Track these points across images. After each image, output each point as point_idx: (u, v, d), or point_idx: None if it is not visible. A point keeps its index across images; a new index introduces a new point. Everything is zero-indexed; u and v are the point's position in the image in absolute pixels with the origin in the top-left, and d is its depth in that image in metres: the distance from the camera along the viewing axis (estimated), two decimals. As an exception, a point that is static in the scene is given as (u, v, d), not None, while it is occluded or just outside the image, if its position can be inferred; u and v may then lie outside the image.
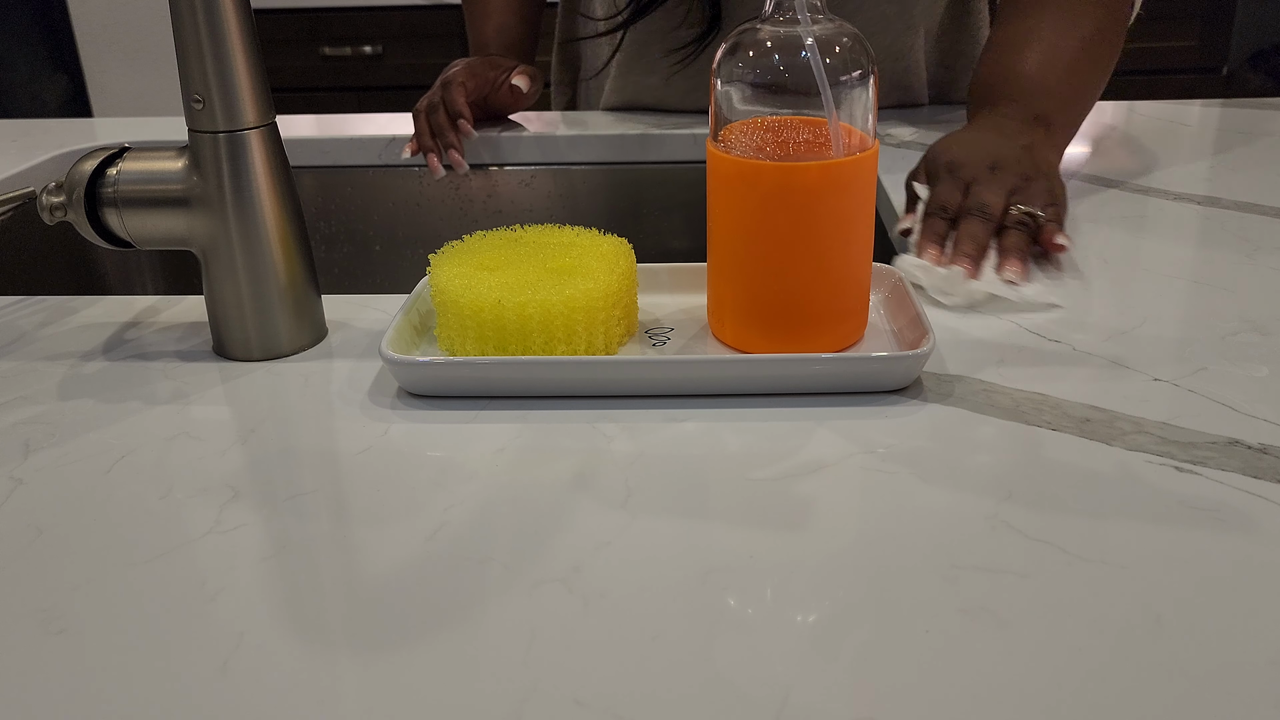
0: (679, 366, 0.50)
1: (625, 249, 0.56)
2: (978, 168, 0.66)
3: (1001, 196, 0.64)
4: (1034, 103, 0.72)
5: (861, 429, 0.47)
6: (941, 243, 0.62)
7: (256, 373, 0.54)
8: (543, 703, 0.32)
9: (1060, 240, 0.63)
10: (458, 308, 0.51)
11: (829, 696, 0.32)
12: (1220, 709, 0.31)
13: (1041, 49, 0.74)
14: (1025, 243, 0.62)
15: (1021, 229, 0.63)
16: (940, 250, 0.62)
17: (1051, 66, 0.74)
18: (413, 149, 0.95)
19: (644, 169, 0.99)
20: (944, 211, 0.64)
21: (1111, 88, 0.80)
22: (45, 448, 0.47)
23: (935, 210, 0.64)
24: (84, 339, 0.58)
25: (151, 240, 0.55)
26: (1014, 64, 0.74)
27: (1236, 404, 0.47)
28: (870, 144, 0.50)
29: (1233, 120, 0.99)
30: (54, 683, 0.33)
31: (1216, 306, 0.58)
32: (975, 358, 0.53)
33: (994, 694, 0.32)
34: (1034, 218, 0.63)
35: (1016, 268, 0.60)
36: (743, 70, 0.50)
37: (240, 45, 0.51)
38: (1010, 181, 0.65)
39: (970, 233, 0.62)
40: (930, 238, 0.62)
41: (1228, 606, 0.35)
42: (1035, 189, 0.65)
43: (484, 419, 0.48)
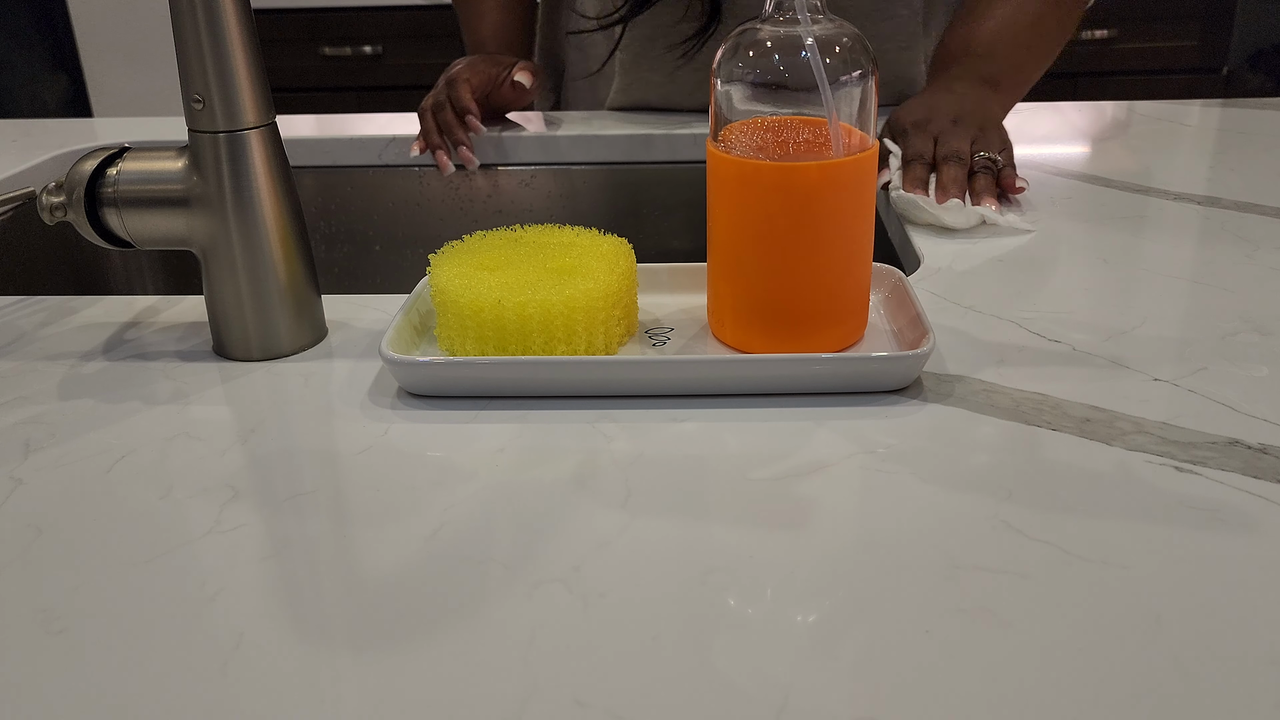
0: (679, 366, 0.50)
1: (625, 249, 0.56)
2: (942, 122, 0.77)
3: (967, 144, 0.75)
4: (984, 66, 0.84)
5: (861, 429, 0.47)
6: (925, 186, 0.73)
7: (256, 373, 0.54)
8: (543, 703, 0.32)
9: (1020, 184, 0.74)
10: (458, 308, 0.51)
11: (829, 696, 0.32)
12: (1220, 709, 0.31)
13: (994, 23, 0.87)
14: (993, 183, 0.73)
15: (987, 172, 0.74)
16: (925, 192, 0.72)
17: (1001, 37, 0.86)
18: (420, 147, 0.95)
19: (644, 169, 0.99)
20: (921, 159, 0.74)
21: (1112, 88, 0.82)
22: (45, 448, 0.47)
23: (914, 159, 0.75)
24: (84, 339, 0.58)
25: (151, 240, 0.55)
26: (969, 34, 0.87)
27: (1236, 404, 0.47)
28: (870, 144, 0.50)
29: (1233, 120, 0.99)
30: (54, 683, 0.33)
31: (1216, 306, 0.58)
32: (975, 358, 0.53)
33: (994, 694, 0.32)
34: (994, 162, 0.74)
35: (993, 203, 0.71)
36: (743, 70, 0.50)
37: (240, 45, 0.51)
38: (971, 132, 0.76)
39: (951, 176, 0.72)
40: (915, 182, 0.73)
41: (1228, 606, 0.35)
42: (991, 137, 0.76)
43: (484, 419, 0.48)
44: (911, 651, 0.34)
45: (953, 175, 0.73)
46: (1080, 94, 1.99)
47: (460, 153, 0.93)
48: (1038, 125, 0.99)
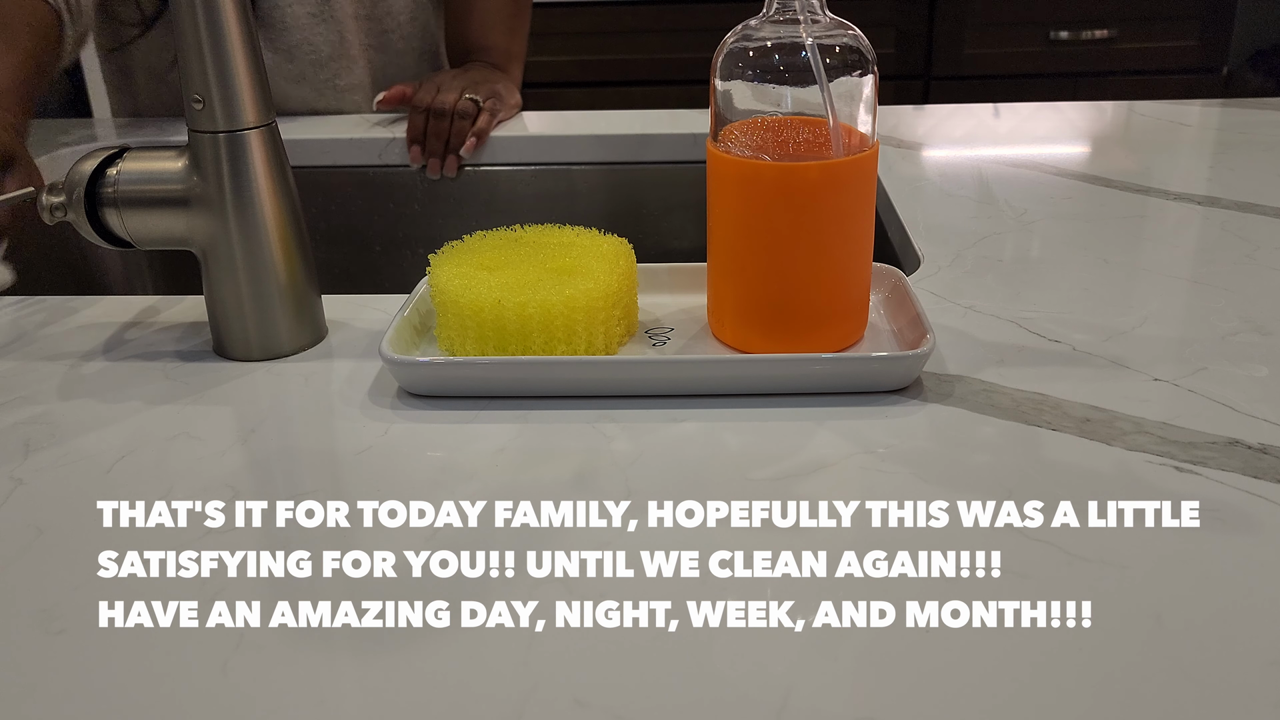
0: (679, 366, 0.50)
1: (625, 249, 0.56)
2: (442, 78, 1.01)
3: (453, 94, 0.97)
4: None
5: (861, 429, 0.47)
6: None
7: (256, 373, 0.54)
8: (543, 703, 0.32)
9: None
10: (457, 308, 0.51)
11: (829, 696, 0.32)
12: (1220, 709, 0.31)
13: None
14: None
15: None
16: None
17: None
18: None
19: (644, 169, 0.99)
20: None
21: (1112, 88, 0.81)
22: (45, 448, 0.47)
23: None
24: (84, 339, 0.58)
25: (151, 240, 0.55)
26: None
27: (1236, 404, 0.47)
28: (870, 144, 0.50)
29: (1233, 120, 0.99)
30: (54, 683, 0.33)
31: (1216, 306, 0.58)
32: (975, 358, 0.53)
33: (994, 694, 0.32)
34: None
35: None
36: (743, 70, 0.50)
37: (240, 45, 0.51)
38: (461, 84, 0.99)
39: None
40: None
41: (1228, 606, 0.35)
42: (481, 89, 0.98)
43: (484, 419, 0.48)
44: (911, 651, 0.34)
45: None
46: (1080, 94, 1.99)
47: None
48: (1038, 125, 0.99)
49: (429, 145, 0.97)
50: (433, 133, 0.97)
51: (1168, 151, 0.89)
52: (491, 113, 0.99)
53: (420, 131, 0.97)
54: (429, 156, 0.98)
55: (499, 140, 0.98)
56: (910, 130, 0.97)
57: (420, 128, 0.97)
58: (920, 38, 2.00)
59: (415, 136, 0.97)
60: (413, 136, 0.98)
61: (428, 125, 0.97)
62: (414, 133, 0.97)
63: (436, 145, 0.97)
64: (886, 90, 1.96)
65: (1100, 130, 0.97)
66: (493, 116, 0.99)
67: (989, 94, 2.00)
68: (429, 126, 0.97)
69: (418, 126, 0.97)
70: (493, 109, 0.99)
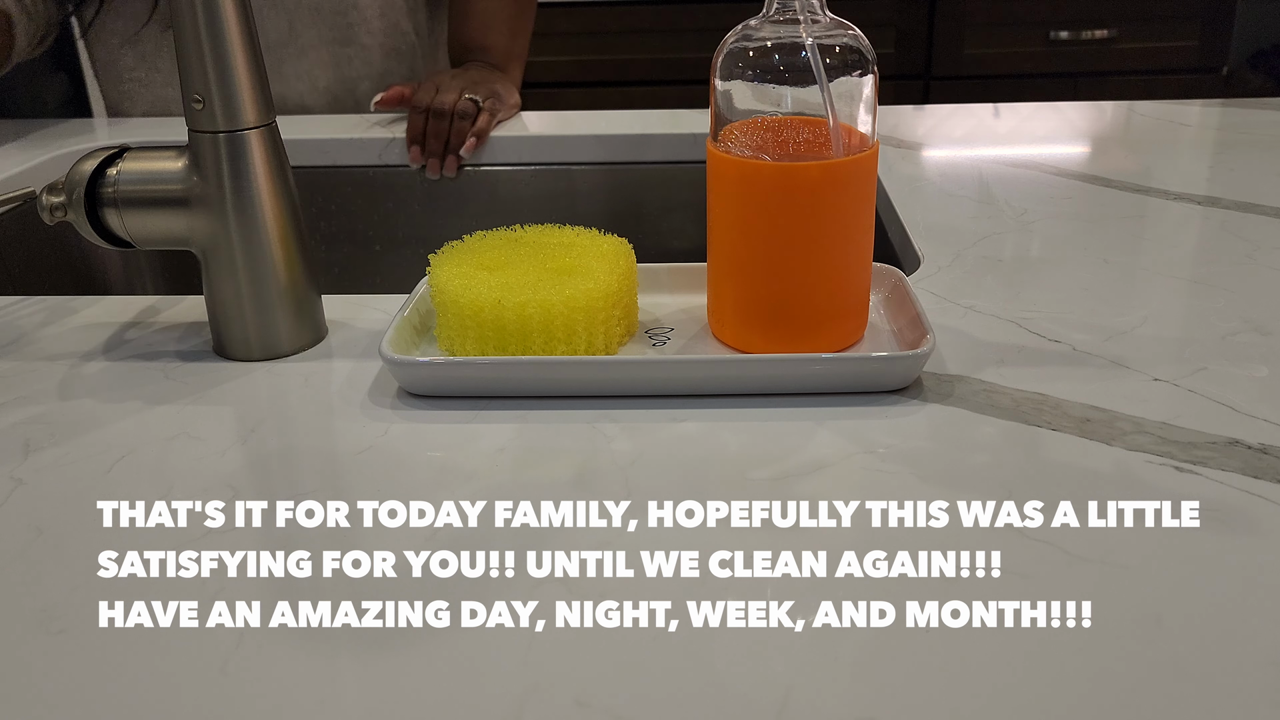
0: (679, 366, 0.50)
1: (625, 249, 0.56)
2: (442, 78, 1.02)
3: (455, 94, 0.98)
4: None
5: (861, 429, 0.47)
6: None
7: (256, 373, 0.54)
8: (543, 703, 0.32)
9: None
10: (457, 308, 0.51)
11: (829, 696, 0.32)
12: (1220, 709, 0.31)
13: None
14: None
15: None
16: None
17: None
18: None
19: (644, 169, 0.99)
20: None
21: (1112, 88, 0.81)
22: (45, 448, 0.47)
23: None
24: (84, 339, 0.58)
25: (151, 240, 0.55)
26: None
27: (1236, 404, 0.47)
28: (870, 144, 0.50)
29: (1233, 120, 0.99)
30: (54, 683, 0.33)
31: (1216, 306, 0.58)
32: (975, 358, 0.53)
33: (994, 694, 0.32)
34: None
35: None
36: (743, 70, 0.50)
37: (240, 45, 0.51)
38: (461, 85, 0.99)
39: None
40: None
41: (1228, 606, 0.35)
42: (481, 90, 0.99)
43: (484, 419, 0.48)
44: (911, 651, 0.34)
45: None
46: (1080, 94, 1.99)
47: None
48: (1038, 125, 0.99)
49: (429, 145, 0.98)
50: (432, 133, 0.97)
51: (1168, 151, 0.89)
52: (491, 113, 0.99)
53: (420, 132, 0.98)
54: (429, 157, 0.98)
55: (499, 140, 0.98)
56: (910, 130, 0.97)
57: (420, 128, 0.97)
58: (920, 38, 2.00)
59: (415, 137, 0.98)
60: (412, 137, 0.97)
61: (427, 125, 0.97)
62: (414, 133, 0.98)
63: (436, 145, 0.97)
64: (886, 90, 1.96)
65: (1100, 130, 0.97)
66: (492, 116, 0.99)
67: (989, 94, 2.00)
68: (429, 127, 0.97)
69: (417, 127, 0.98)
70: (492, 109, 1.00)
